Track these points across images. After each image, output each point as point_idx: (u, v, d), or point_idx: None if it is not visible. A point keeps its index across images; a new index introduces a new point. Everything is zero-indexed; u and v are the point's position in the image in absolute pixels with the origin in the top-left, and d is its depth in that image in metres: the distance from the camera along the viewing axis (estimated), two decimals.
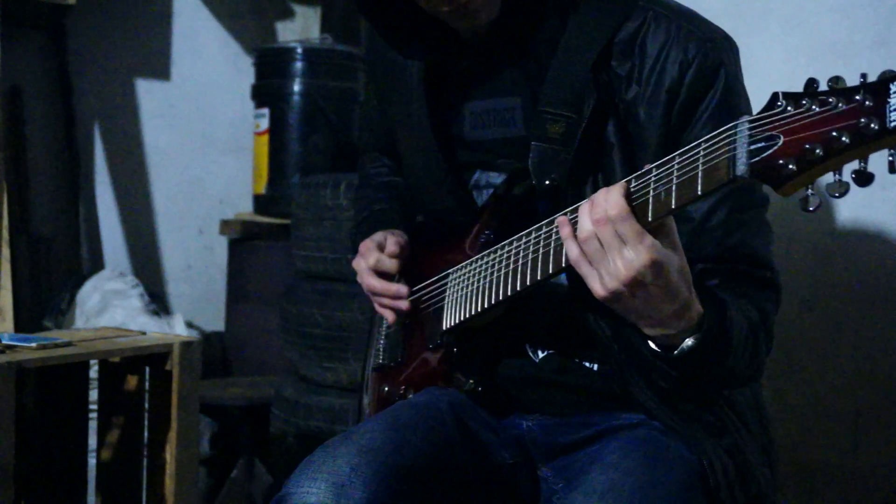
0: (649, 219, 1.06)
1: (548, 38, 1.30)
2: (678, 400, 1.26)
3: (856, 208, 2.00)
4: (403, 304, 1.43)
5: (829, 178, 0.92)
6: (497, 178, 1.39)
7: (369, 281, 1.44)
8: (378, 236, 1.46)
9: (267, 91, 3.50)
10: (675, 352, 1.13)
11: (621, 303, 1.09)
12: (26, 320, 3.18)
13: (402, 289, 1.42)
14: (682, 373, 1.15)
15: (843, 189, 0.91)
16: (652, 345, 1.14)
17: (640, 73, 1.26)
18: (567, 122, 1.25)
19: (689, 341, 1.12)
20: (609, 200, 1.06)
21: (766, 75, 1.98)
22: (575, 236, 1.10)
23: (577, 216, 1.12)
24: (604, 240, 1.07)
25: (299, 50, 3.46)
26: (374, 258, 1.43)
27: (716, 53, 1.24)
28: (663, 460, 1.21)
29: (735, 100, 1.25)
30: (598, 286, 1.09)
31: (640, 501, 1.13)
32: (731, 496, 1.24)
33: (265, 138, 3.47)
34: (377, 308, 1.47)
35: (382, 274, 1.44)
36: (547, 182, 1.26)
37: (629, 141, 1.26)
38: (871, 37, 1.95)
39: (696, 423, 1.26)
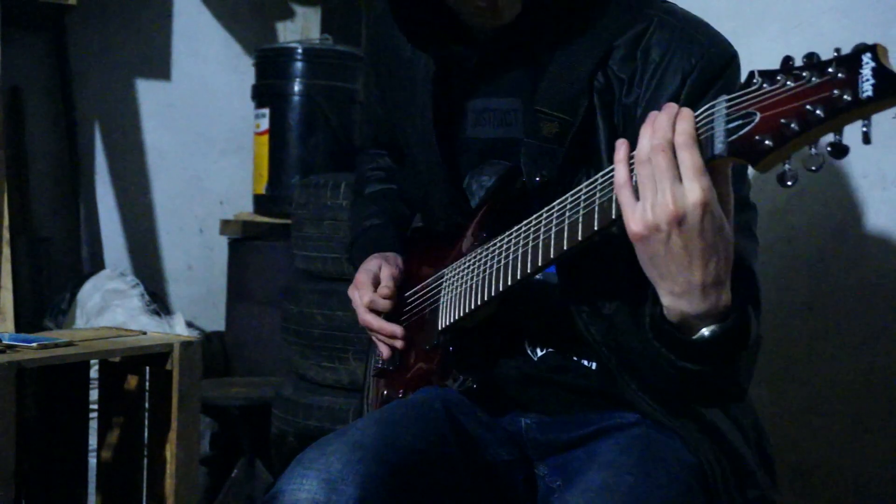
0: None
1: (554, 40, 1.30)
2: (671, 404, 1.26)
3: (856, 208, 2.00)
4: (398, 344, 1.45)
5: (805, 151, 0.92)
6: (487, 181, 1.40)
7: (365, 317, 1.46)
8: (373, 265, 1.48)
9: (267, 91, 3.50)
10: (695, 336, 1.06)
11: (652, 245, 1.01)
12: (27, 320, 3.19)
13: (396, 330, 1.44)
14: (690, 363, 1.08)
15: (819, 162, 0.91)
16: (666, 325, 1.07)
17: (642, 77, 1.26)
18: (561, 123, 1.26)
19: (707, 330, 1.05)
20: (680, 125, 1.00)
21: None
22: (629, 159, 1.04)
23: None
24: (659, 167, 0.99)
25: (299, 50, 3.46)
26: (367, 298, 1.44)
27: (718, 62, 1.24)
28: (661, 459, 1.21)
29: None
30: (638, 218, 1.01)
31: (638, 499, 1.13)
32: (728, 497, 1.24)
33: (265, 138, 3.48)
34: (374, 340, 1.49)
35: (377, 310, 1.46)
36: (537, 179, 1.26)
37: None
38: (871, 37, 1.94)
39: (693, 423, 1.26)
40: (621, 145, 1.05)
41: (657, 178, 1.00)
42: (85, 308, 3.27)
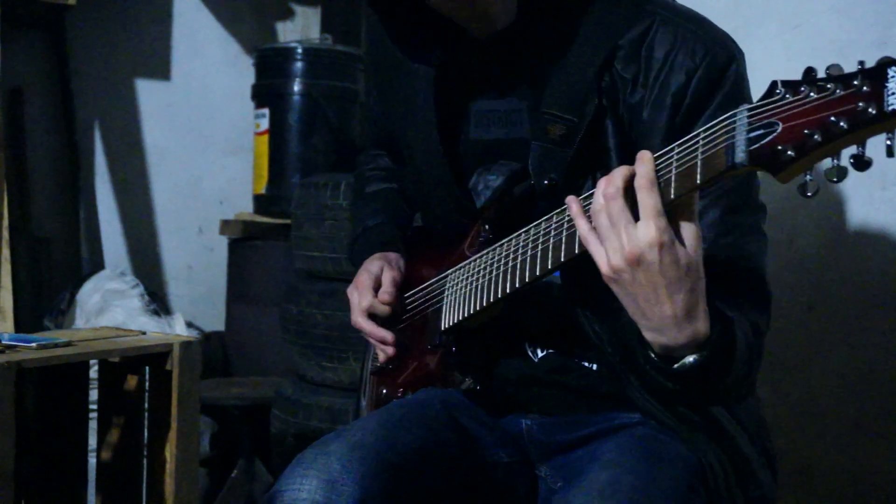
0: None
1: (556, 41, 1.30)
2: (674, 404, 1.26)
3: (856, 208, 2.00)
4: (389, 350, 1.45)
5: (827, 163, 0.92)
6: (495, 181, 1.40)
7: (359, 320, 1.46)
8: (375, 267, 1.48)
9: (267, 91, 3.50)
10: (676, 365, 1.09)
11: (622, 286, 1.06)
12: (26, 320, 3.18)
13: (387, 336, 1.44)
14: (677, 386, 1.12)
15: (841, 174, 0.91)
16: (652, 354, 1.11)
17: (647, 77, 1.25)
18: (568, 124, 1.25)
19: (690, 358, 1.09)
20: (639, 168, 1.04)
21: (766, 75, 1.96)
22: (585, 213, 1.09)
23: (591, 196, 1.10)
24: (612, 214, 1.05)
25: (299, 50, 3.46)
26: (367, 302, 1.45)
27: (722, 59, 1.24)
28: (663, 458, 1.21)
29: (740, 104, 1.24)
30: (604, 263, 1.07)
31: (640, 498, 1.13)
32: (730, 496, 1.24)
33: (265, 138, 3.48)
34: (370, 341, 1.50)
35: (374, 315, 1.46)
36: (545, 182, 1.26)
37: (628, 145, 1.25)
38: (871, 37, 1.95)
39: (696, 422, 1.26)
40: (573, 202, 1.11)
41: (613, 224, 1.05)
42: (85, 308, 3.27)
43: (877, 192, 1.97)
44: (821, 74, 0.92)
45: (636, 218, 1.04)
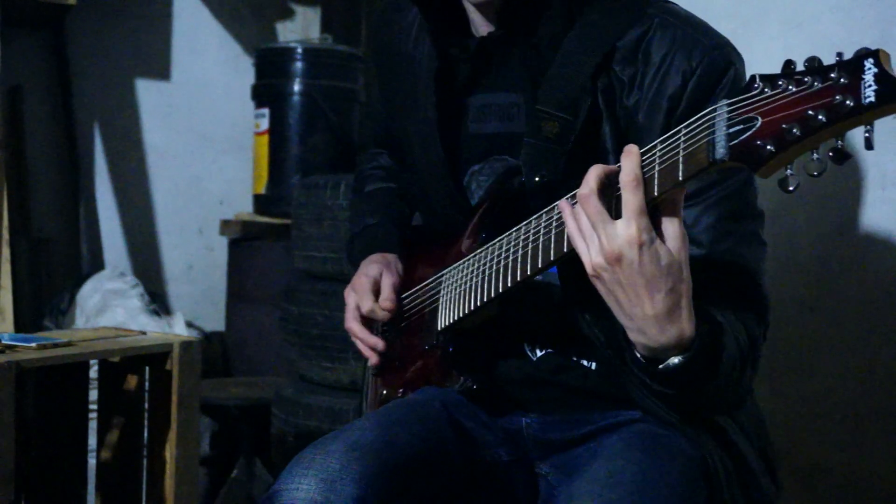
0: None
1: (553, 36, 1.30)
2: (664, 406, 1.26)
3: (856, 208, 2.00)
4: (374, 359, 1.46)
5: (807, 157, 0.92)
6: (486, 180, 1.40)
7: (352, 324, 1.47)
8: (374, 271, 1.47)
9: (267, 91, 3.50)
10: (660, 366, 1.10)
11: (604, 284, 1.07)
12: (26, 320, 3.19)
13: (378, 343, 1.45)
14: (662, 388, 1.13)
15: (821, 168, 0.91)
16: (637, 354, 1.12)
17: (643, 79, 1.25)
18: (562, 122, 1.25)
19: (674, 360, 1.09)
20: (625, 164, 1.05)
21: None
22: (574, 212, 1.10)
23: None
24: (590, 214, 1.06)
25: (299, 50, 3.46)
26: (367, 306, 1.45)
27: (720, 63, 1.23)
28: (665, 452, 1.21)
29: None
30: (587, 261, 1.07)
31: (642, 489, 1.13)
32: (731, 494, 1.24)
33: (265, 138, 3.48)
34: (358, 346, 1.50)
35: (370, 319, 1.46)
36: (537, 179, 1.26)
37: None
38: (871, 37, 1.95)
39: (696, 421, 1.26)
40: (564, 205, 1.11)
41: (593, 223, 1.06)
42: (85, 308, 3.27)
43: (877, 192, 1.97)
44: (800, 67, 0.92)
45: (617, 215, 1.05)
